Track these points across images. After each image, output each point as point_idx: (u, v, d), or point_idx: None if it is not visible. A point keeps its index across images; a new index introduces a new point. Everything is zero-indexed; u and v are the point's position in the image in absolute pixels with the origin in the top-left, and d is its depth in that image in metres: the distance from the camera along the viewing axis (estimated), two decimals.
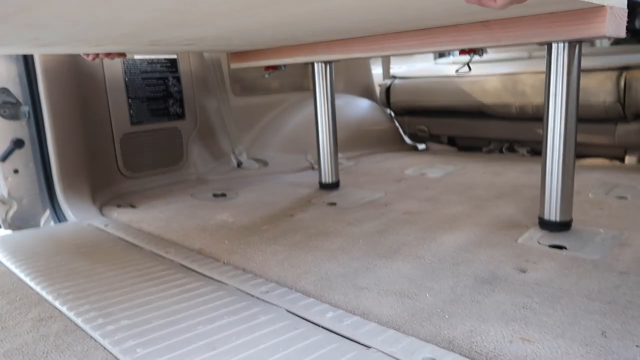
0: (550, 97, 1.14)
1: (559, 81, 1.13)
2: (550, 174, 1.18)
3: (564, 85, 1.12)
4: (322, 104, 1.73)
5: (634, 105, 1.88)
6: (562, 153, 1.16)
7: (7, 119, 1.55)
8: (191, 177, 2.03)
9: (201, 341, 0.77)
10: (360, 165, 2.22)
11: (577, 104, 1.14)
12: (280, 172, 2.11)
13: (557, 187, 1.17)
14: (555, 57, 1.12)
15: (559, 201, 1.17)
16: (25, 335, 0.83)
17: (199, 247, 1.23)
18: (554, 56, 1.12)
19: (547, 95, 1.15)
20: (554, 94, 1.14)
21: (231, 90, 2.22)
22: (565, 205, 1.18)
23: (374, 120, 2.68)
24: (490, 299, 0.86)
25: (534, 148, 2.31)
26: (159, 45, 1.28)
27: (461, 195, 1.57)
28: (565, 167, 1.16)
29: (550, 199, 1.18)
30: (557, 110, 1.14)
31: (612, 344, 0.71)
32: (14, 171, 1.58)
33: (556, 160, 1.16)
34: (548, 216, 1.19)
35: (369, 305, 0.87)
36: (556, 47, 1.11)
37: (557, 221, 1.18)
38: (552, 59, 1.12)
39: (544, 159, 1.18)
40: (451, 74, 2.43)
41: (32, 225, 1.63)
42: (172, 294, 0.95)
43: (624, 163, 2.01)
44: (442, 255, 1.08)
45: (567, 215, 1.18)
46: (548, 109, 1.15)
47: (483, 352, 0.71)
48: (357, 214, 1.42)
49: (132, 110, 1.84)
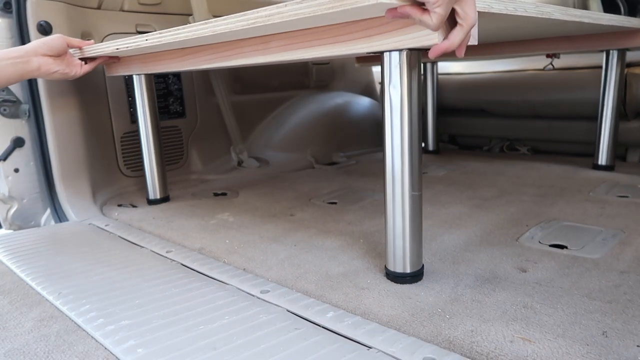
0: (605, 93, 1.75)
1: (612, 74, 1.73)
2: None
3: (616, 83, 1.73)
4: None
5: (634, 103, 1.88)
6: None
7: (7, 117, 1.55)
8: (191, 176, 2.03)
9: (202, 341, 0.77)
10: (360, 163, 2.22)
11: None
12: (281, 171, 2.11)
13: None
14: (611, 59, 1.72)
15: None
16: (26, 335, 0.83)
17: (199, 246, 1.23)
18: (610, 59, 1.72)
19: (603, 94, 1.76)
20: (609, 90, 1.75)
21: (232, 88, 2.22)
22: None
23: (375, 119, 2.67)
24: (490, 299, 0.86)
25: (535, 146, 2.31)
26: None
27: (462, 194, 1.57)
28: None
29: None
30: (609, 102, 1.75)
31: (613, 343, 0.71)
32: (15, 170, 1.58)
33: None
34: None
35: (369, 305, 0.87)
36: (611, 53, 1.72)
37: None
38: (609, 60, 1.72)
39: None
40: (451, 72, 2.43)
41: (32, 224, 1.63)
42: (172, 294, 0.95)
43: (624, 161, 2.01)
44: (443, 254, 1.08)
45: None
46: (603, 102, 1.76)
47: (484, 352, 0.71)
48: (358, 214, 1.42)
49: (132, 108, 1.84)
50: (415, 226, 0.92)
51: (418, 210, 0.92)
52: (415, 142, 0.88)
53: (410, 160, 0.88)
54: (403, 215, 0.91)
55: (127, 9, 1.80)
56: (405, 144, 0.88)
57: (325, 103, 2.52)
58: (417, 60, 0.86)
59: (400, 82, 0.86)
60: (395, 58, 0.85)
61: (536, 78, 2.13)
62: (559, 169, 1.84)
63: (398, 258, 0.94)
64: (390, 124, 0.88)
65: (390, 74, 0.86)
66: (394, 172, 0.90)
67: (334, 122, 2.48)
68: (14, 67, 1.22)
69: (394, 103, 0.87)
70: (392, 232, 0.93)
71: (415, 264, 0.94)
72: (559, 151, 2.22)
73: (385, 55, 0.86)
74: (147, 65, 1.42)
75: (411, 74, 0.86)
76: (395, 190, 0.90)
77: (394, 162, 0.89)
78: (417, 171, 0.89)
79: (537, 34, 1.58)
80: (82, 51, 1.37)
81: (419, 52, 0.86)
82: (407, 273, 0.94)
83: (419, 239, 0.94)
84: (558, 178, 1.71)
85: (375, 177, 1.91)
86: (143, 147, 1.64)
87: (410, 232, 0.92)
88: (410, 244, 0.93)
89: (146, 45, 1.17)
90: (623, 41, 1.60)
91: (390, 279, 0.96)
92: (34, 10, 1.51)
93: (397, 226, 0.92)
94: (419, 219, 0.93)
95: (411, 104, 0.87)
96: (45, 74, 1.29)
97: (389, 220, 0.93)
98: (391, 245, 0.94)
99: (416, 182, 0.90)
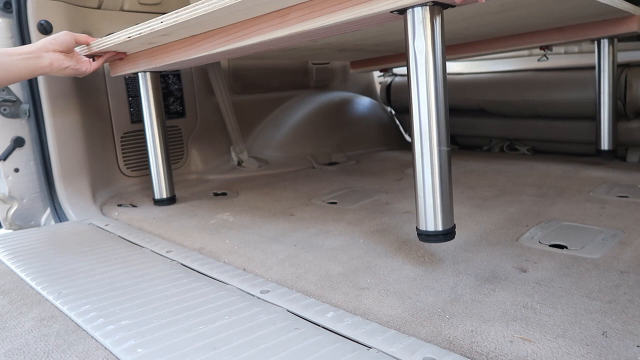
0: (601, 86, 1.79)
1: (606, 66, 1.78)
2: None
3: (610, 71, 1.78)
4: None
5: (634, 103, 1.88)
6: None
7: (7, 117, 1.55)
8: (191, 176, 2.03)
9: (202, 341, 0.77)
10: (360, 163, 2.22)
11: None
12: (281, 171, 2.11)
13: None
14: (602, 49, 1.77)
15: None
16: (26, 335, 0.83)
17: (199, 246, 1.23)
18: (602, 48, 1.77)
19: (599, 82, 1.80)
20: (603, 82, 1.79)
21: (232, 88, 2.22)
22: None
23: (375, 119, 2.67)
24: (490, 299, 0.86)
25: (535, 146, 2.31)
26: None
27: (462, 194, 1.57)
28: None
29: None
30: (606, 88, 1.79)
31: (613, 343, 0.71)
32: (15, 170, 1.58)
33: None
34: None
35: (369, 305, 0.87)
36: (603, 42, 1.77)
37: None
38: (601, 50, 1.77)
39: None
40: (451, 72, 2.43)
41: (32, 224, 1.63)
42: (172, 294, 0.95)
43: (624, 161, 2.01)
44: (443, 254, 1.08)
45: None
46: (600, 93, 1.80)
47: (484, 352, 0.71)
48: (358, 213, 1.42)
49: (132, 108, 1.84)
50: (445, 182, 0.91)
51: (447, 166, 0.91)
52: (441, 98, 0.88)
53: (437, 116, 0.88)
54: (432, 171, 0.90)
55: (127, 9, 1.80)
56: (432, 100, 0.87)
57: (325, 103, 2.52)
58: (441, 15, 0.86)
59: (424, 37, 0.85)
60: (418, 13, 0.85)
61: (536, 78, 2.13)
62: (559, 169, 1.84)
63: (429, 216, 0.92)
64: (416, 81, 0.88)
65: (414, 30, 0.86)
66: (421, 128, 0.89)
67: (334, 122, 2.48)
68: (25, 62, 1.22)
69: (419, 59, 0.87)
70: (422, 190, 0.92)
71: (447, 221, 0.93)
72: (559, 151, 2.22)
73: (409, 11, 0.86)
74: (155, 58, 1.38)
75: (435, 28, 0.85)
76: (424, 147, 0.89)
77: (421, 119, 0.89)
78: (444, 126, 0.89)
79: (531, 25, 1.62)
80: (89, 47, 1.36)
81: (441, 5, 0.86)
82: (440, 231, 0.93)
83: (450, 195, 0.93)
84: (558, 178, 1.71)
85: (375, 176, 1.91)
86: (149, 146, 1.63)
87: (441, 188, 0.91)
88: (441, 200, 0.91)
89: (161, 28, 1.13)
90: (613, 28, 1.60)
91: (422, 240, 0.95)
92: (34, 10, 1.51)
93: (426, 183, 0.91)
94: (449, 175, 0.92)
95: (436, 58, 0.86)
96: (57, 69, 1.29)
97: (419, 178, 0.92)
98: (422, 203, 0.92)
99: (444, 137, 0.89)
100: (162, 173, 1.65)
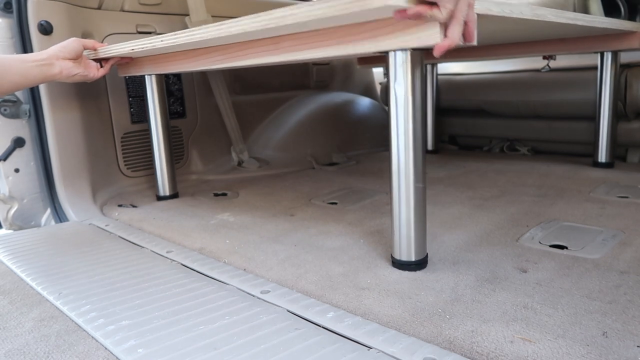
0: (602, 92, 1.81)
1: (607, 75, 1.79)
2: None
3: (611, 77, 1.79)
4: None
5: (634, 103, 1.88)
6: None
7: (7, 117, 1.55)
8: (192, 176, 2.03)
9: (202, 341, 0.77)
10: (360, 164, 2.22)
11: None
12: (281, 171, 2.11)
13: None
14: (605, 60, 1.79)
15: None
16: (26, 336, 0.83)
17: (199, 246, 1.23)
18: (605, 59, 1.79)
19: (600, 92, 1.82)
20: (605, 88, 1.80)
21: (232, 88, 2.22)
22: None
23: (375, 119, 2.67)
24: (491, 299, 0.86)
25: (535, 147, 2.31)
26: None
27: (462, 194, 1.57)
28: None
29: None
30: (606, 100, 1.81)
31: (613, 344, 0.71)
32: (15, 170, 1.58)
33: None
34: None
35: (369, 305, 0.87)
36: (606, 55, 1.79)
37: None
38: (604, 61, 1.79)
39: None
40: (451, 72, 2.43)
41: (32, 224, 1.63)
42: (173, 294, 0.95)
43: (624, 161, 2.01)
44: (443, 254, 1.08)
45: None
46: (600, 102, 1.82)
47: (484, 353, 0.71)
48: (358, 214, 1.42)
49: (132, 108, 1.84)
50: (419, 216, 0.97)
51: (422, 201, 0.97)
52: (419, 137, 0.94)
53: (414, 154, 0.94)
54: (408, 206, 0.96)
55: (128, 9, 1.81)
56: (410, 139, 0.93)
57: (325, 103, 2.52)
58: (421, 59, 0.91)
59: (405, 80, 0.91)
60: (400, 57, 0.90)
61: (536, 78, 2.13)
62: (559, 169, 1.84)
63: (404, 247, 0.99)
64: (396, 120, 0.94)
65: (396, 73, 0.91)
66: (400, 165, 0.95)
67: (334, 122, 2.48)
68: (39, 69, 1.27)
69: (399, 100, 0.92)
70: (397, 222, 0.98)
71: (420, 252, 1.00)
72: (559, 151, 2.22)
73: (391, 54, 0.91)
74: (159, 65, 1.45)
75: (415, 72, 0.91)
76: (401, 183, 0.96)
77: (399, 156, 0.95)
78: (420, 165, 0.95)
79: (533, 36, 1.63)
80: (96, 52, 1.40)
81: (422, 51, 0.90)
82: (412, 261, 0.99)
83: (423, 228, 1.00)
84: (558, 178, 1.71)
85: (375, 177, 1.91)
86: (154, 145, 1.69)
87: (415, 221, 0.97)
88: (415, 233, 0.98)
89: (162, 46, 1.20)
90: (616, 43, 1.66)
91: (396, 267, 1.00)
92: (35, 10, 1.51)
93: (402, 216, 0.97)
94: (423, 209, 0.98)
95: (415, 100, 0.92)
96: (66, 77, 1.33)
97: (395, 211, 0.98)
98: (397, 234, 0.99)
99: (420, 174, 0.95)
100: (166, 171, 1.71)
